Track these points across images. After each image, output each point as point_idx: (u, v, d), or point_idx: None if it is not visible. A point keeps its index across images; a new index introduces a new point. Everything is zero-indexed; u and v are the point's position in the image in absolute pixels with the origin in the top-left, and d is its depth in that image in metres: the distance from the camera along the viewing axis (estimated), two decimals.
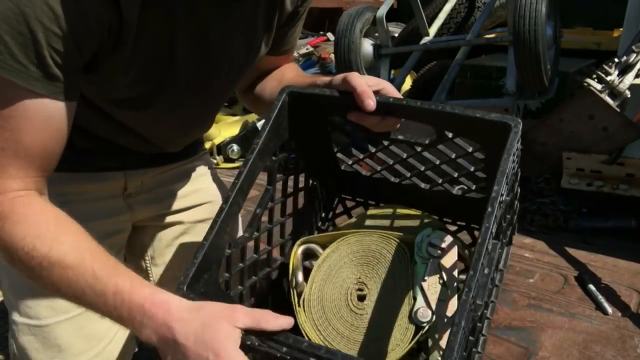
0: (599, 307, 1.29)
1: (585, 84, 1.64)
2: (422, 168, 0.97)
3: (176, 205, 1.16)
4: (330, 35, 3.73)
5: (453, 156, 0.92)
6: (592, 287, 1.36)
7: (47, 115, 0.75)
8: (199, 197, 1.19)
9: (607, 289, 1.37)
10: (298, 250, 0.94)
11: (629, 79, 1.62)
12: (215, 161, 2.46)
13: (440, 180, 0.97)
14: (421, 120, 0.91)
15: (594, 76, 1.65)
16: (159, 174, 1.11)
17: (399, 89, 2.21)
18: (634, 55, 1.64)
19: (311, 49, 3.32)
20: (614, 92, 1.63)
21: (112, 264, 0.76)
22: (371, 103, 0.87)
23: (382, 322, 0.86)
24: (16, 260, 0.75)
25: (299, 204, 1.03)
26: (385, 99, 0.87)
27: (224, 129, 2.63)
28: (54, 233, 0.76)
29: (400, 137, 0.95)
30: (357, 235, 0.95)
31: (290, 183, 0.99)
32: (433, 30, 2.42)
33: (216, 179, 1.26)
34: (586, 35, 2.74)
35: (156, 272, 1.21)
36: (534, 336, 1.20)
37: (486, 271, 0.69)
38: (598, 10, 2.79)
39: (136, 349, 1.18)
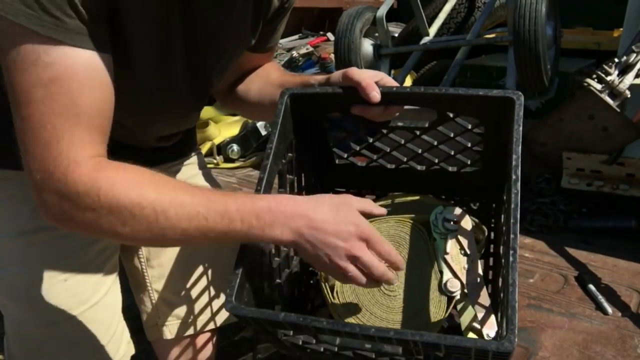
0: (599, 307, 1.29)
1: (585, 84, 1.64)
2: (420, 151, 1.01)
3: None
4: (330, 35, 3.73)
5: (452, 135, 0.96)
6: (592, 287, 1.36)
7: (94, 71, 0.72)
8: None
9: (607, 289, 1.37)
10: None
11: (629, 79, 1.62)
12: (215, 161, 2.45)
13: (436, 160, 1.01)
14: (425, 104, 0.95)
15: (594, 76, 1.65)
16: None
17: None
18: (634, 55, 1.64)
19: (311, 49, 3.32)
20: (614, 92, 1.62)
21: (213, 189, 0.81)
22: (377, 95, 0.89)
23: (415, 300, 0.91)
24: (128, 218, 0.72)
25: None
26: (389, 89, 0.90)
27: (224, 129, 2.62)
28: (152, 181, 0.74)
29: (401, 123, 0.98)
30: (373, 224, 0.97)
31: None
32: (433, 30, 2.43)
33: (210, 179, 1.27)
34: (586, 35, 2.74)
35: (152, 273, 1.21)
36: (534, 336, 1.20)
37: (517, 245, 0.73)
38: (598, 10, 2.80)
39: (133, 351, 1.18)
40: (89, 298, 1.05)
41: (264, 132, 2.49)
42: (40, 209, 0.74)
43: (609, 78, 1.63)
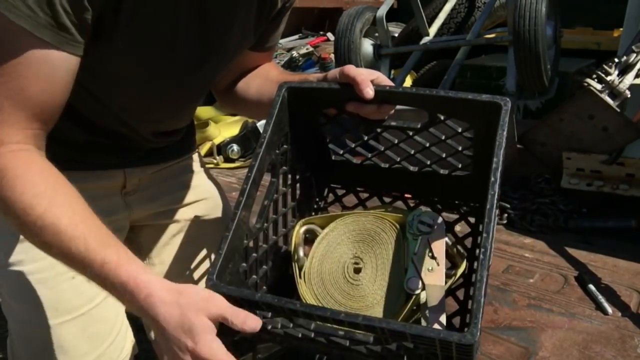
0: (599, 307, 1.29)
1: (585, 84, 1.64)
2: (412, 152, 1.03)
3: (172, 203, 1.17)
4: (330, 35, 3.73)
5: (443, 137, 0.98)
6: (592, 287, 1.36)
7: (51, 66, 0.74)
8: (195, 194, 1.20)
9: (607, 289, 1.37)
10: (300, 230, 1.02)
11: (629, 79, 1.62)
12: (215, 161, 2.46)
13: (428, 162, 1.03)
14: (416, 105, 0.98)
15: (594, 76, 1.65)
16: (155, 172, 1.12)
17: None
18: (634, 55, 1.64)
19: (311, 49, 3.32)
20: (614, 92, 1.63)
21: (104, 234, 0.77)
22: (370, 92, 0.91)
23: (376, 292, 0.95)
24: (12, 215, 0.75)
25: (296, 196, 1.07)
26: (383, 88, 0.93)
27: (224, 129, 2.63)
28: (51, 194, 0.76)
29: (394, 123, 1.01)
30: (353, 216, 1.03)
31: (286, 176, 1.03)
32: (433, 30, 2.43)
33: (210, 177, 1.27)
34: (586, 35, 2.74)
35: (152, 266, 1.22)
36: (534, 336, 1.20)
37: (490, 241, 0.75)
38: (598, 10, 2.80)
39: (137, 351, 1.18)
40: (95, 296, 1.05)
41: None
42: None
43: (609, 78, 1.63)
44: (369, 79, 0.91)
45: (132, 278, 0.73)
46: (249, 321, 0.73)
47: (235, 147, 2.45)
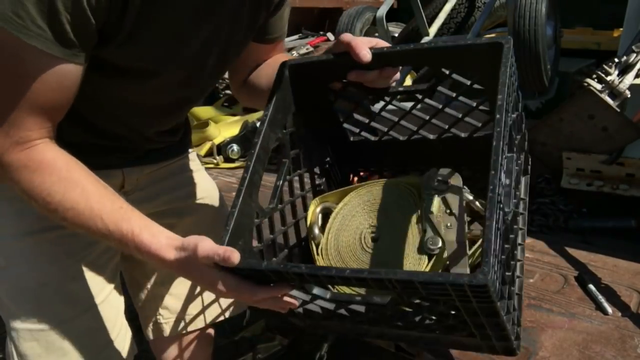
0: (599, 307, 1.29)
1: (585, 84, 1.64)
2: (427, 117, 1.02)
3: (169, 202, 1.17)
4: (330, 35, 3.73)
5: (454, 95, 0.97)
6: (592, 287, 1.36)
7: (60, 77, 0.80)
8: (192, 192, 1.20)
9: (607, 289, 1.37)
10: (316, 209, 1.03)
11: (629, 79, 1.62)
12: (215, 161, 2.45)
13: (446, 127, 1.01)
14: (417, 62, 1.02)
15: (594, 76, 1.65)
16: (153, 172, 1.12)
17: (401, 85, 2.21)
18: (634, 55, 1.64)
19: (311, 49, 3.31)
20: (614, 92, 1.63)
21: (117, 209, 0.85)
22: (366, 54, 0.90)
23: (395, 256, 0.93)
24: (36, 205, 0.84)
25: (315, 179, 1.08)
26: (379, 49, 0.92)
27: (224, 129, 2.63)
28: (66, 180, 0.83)
29: (401, 88, 1.01)
30: (366, 187, 1.02)
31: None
32: (433, 30, 2.43)
33: (206, 175, 1.27)
34: (586, 35, 2.74)
35: (150, 267, 1.22)
36: (534, 336, 1.20)
37: (507, 181, 0.74)
38: (598, 10, 2.80)
39: (136, 351, 1.18)
40: (96, 297, 1.05)
41: None
42: None
43: (609, 78, 1.63)
44: (365, 44, 0.91)
45: (146, 249, 0.83)
46: (230, 257, 0.78)
47: (235, 147, 2.45)
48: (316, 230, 0.99)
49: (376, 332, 0.94)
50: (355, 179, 1.16)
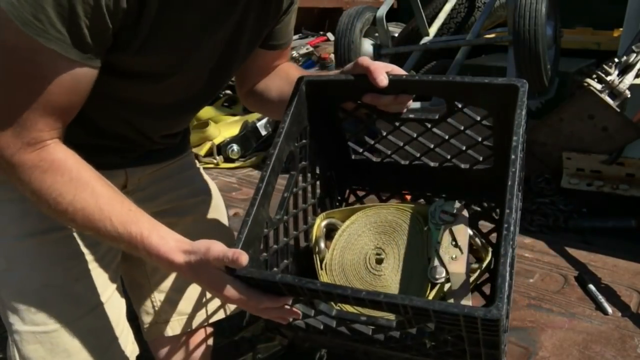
0: (599, 307, 1.29)
1: (585, 84, 1.64)
2: (432, 146, 1.03)
3: (169, 202, 1.17)
4: (330, 35, 3.73)
5: (462, 128, 0.99)
6: (592, 287, 1.36)
7: (75, 79, 0.81)
8: (191, 192, 1.21)
9: (607, 289, 1.37)
10: (321, 223, 1.03)
11: (629, 79, 1.62)
12: (215, 161, 2.46)
13: (449, 156, 1.03)
14: (433, 93, 1.07)
15: (594, 76, 1.65)
16: (155, 171, 1.12)
17: None
18: (634, 55, 1.64)
19: (311, 49, 3.32)
20: (614, 92, 1.63)
21: (126, 211, 0.86)
22: (384, 80, 0.92)
23: (399, 282, 0.95)
24: (45, 206, 0.84)
25: (317, 194, 1.08)
26: (397, 77, 0.94)
27: (224, 129, 2.62)
28: (76, 181, 0.84)
29: (412, 115, 1.01)
30: (374, 209, 1.03)
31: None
32: (433, 30, 2.42)
33: (204, 175, 1.28)
34: (586, 35, 2.74)
35: (150, 267, 1.22)
36: (534, 336, 1.20)
37: (514, 216, 0.76)
38: (598, 10, 2.79)
39: (137, 352, 1.18)
40: (100, 297, 1.05)
41: (264, 132, 2.49)
42: None
43: (609, 78, 1.63)
44: (382, 69, 0.93)
45: (155, 252, 0.84)
46: (236, 259, 0.79)
47: (235, 147, 2.45)
48: (322, 245, 1.00)
49: (364, 350, 0.95)
50: (351, 196, 1.17)
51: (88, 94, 0.85)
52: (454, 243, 0.95)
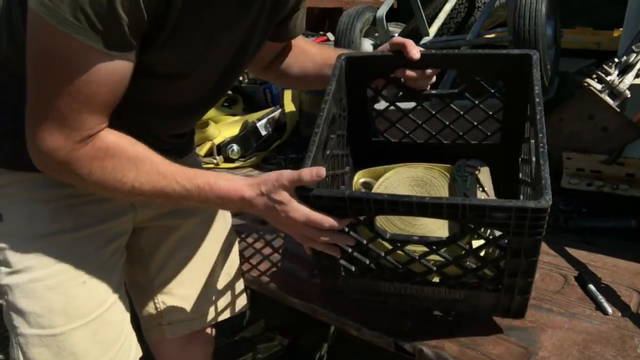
0: (599, 307, 1.29)
1: (585, 84, 1.64)
2: (448, 122, 1.21)
3: None
4: (330, 35, 3.73)
5: (477, 102, 1.16)
6: (592, 287, 1.36)
7: (117, 75, 0.84)
8: None
9: (607, 289, 1.37)
10: (359, 180, 1.18)
11: (629, 79, 1.62)
12: (215, 161, 2.45)
13: (461, 133, 1.20)
14: (455, 66, 1.26)
15: (594, 76, 1.65)
16: None
17: None
18: (634, 55, 1.64)
19: None
20: (614, 92, 1.62)
21: (185, 170, 0.92)
22: (416, 53, 1.10)
23: (434, 223, 1.09)
24: (111, 189, 0.89)
25: (349, 162, 1.25)
26: (428, 52, 1.12)
27: (224, 129, 2.62)
28: (134, 158, 0.89)
29: (434, 91, 1.18)
30: (405, 167, 1.19)
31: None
32: (433, 30, 2.42)
33: None
34: (586, 35, 2.74)
35: (153, 269, 1.22)
36: (534, 336, 1.20)
37: (545, 140, 0.92)
38: (598, 10, 2.79)
39: (141, 354, 1.18)
40: (105, 300, 1.05)
41: (264, 132, 2.49)
42: (35, 160, 0.88)
43: (609, 78, 1.62)
44: (415, 45, 1.10)
45: (225, 193, 0.91)
46: (314, 172, 0.89)
47: (235, 147, 2.45)
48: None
49: (397, 293, 1.11)
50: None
51: (127, 84, 0.87)
52: (480, 189, 1.11)
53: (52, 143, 0.84)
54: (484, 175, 1.13)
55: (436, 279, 1.08)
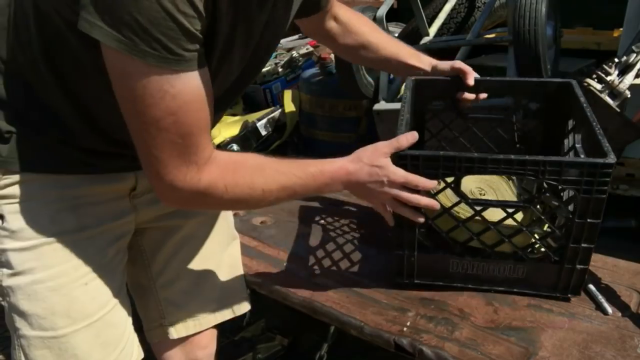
0: (599, 307, 1.30)
1: (585, 84, 1.64)
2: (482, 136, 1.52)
3: None
4: None
5: (514, 121, 1.55)
6: (592, 287, 1.36)
7: (205, 86, 0.84)
8: None
9: (607, 289, 1.37)
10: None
11: (629, 79, 1.62)
12: None
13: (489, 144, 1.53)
14: (509, 92, 1.48)
15: (594, 76, 1.65)
16: None
17: (399, 89, 2.21)
18: (634, 55, 1.64)
19: (311, 48, 3.31)
20: (614, 92, 1.62)
21: (298, 162, 1.02)
22: (472, 80, 1.29)
23: (496, 213, 1.23)
24: (246, 199, 0.94)
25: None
26: (484, 78, 1.37)
27: (224, 129, 2.62)
28: (255, 166, 0.96)
29: (480, 115, 1.49)
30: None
31: None
32: (433, 30, 2.42)
33: None
34: (586, 35, 2.73)
35: (155, 270, 1.22)
36: (534, 336, 1.20)
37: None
38: (598, 10, 2.79)
39: (142, 355, 1.18)
40: (108, 302, 1.05)
41: (263, 132, 2.49)
42: (168, 200, 0.92)
43: (609, 78, 1.62)
44: (472, 71, 1.30)
45: (334, 172, 1.03)
46: (409, 136, 1.11)
47: (235, 147, 2.45)
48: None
49: (465, 271, 1.28)
50: None
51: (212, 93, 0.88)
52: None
53: (183, 176, 0.85)
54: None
55: (507, 249, 1.24)
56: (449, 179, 1.15)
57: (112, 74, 0.78)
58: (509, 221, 1.22)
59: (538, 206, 1.32)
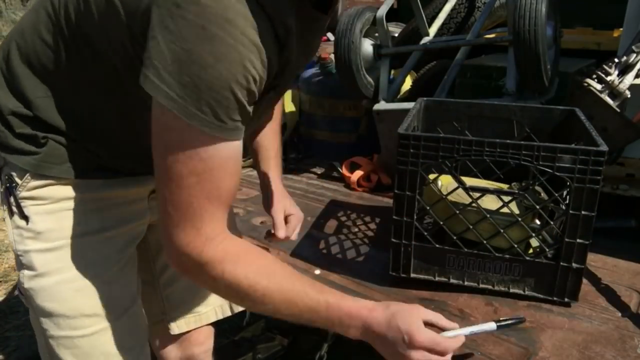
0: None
1: (585, 84, 1.64)
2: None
3: None
4: (330, 35, 3.73)
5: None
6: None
7: (235, 159, 0.83)
8: None
9: (607, 289, 1.37)
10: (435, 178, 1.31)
11: (629, 79, 1.62)
12: None
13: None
14: (519, 117, 1.49)
15: (594, 76, 1.65)
16: None
17: (399, 89, 2.21)
18: (634, 55, 1.64)
19: None
20: (614, 92, 1.62)
21: (313, 283, 0.91)
22: (281, 234, 1.29)
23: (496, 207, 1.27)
24: (242, 295, 0.87)
25: None
26: (492, 103, 1.58)
27: None
28: (265, 267, 0.88)
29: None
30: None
31: None
32: (433, 30, 2.42)
33: None
34: (586, 35, 2.74)
35: (159, 266, 1.23)
36: (534, 336, 1.20)
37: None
38: (598, 10, 2.79)
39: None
40: (131, 299, 1.08)
41: None
42: (171, 259, 0.87)
43: (609, 78, 1.63)
44: None
45: (352, 308, 0.91)
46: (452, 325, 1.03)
47: None
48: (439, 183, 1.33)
49: (461, 267, 1.30)
50: None
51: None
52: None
53: (188, 241, 0.83)
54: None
55: (503, 243, 1.25)
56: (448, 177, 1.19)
57: (155, 123, 0.78)
58: (505, 213, 1.24)
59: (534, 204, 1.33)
